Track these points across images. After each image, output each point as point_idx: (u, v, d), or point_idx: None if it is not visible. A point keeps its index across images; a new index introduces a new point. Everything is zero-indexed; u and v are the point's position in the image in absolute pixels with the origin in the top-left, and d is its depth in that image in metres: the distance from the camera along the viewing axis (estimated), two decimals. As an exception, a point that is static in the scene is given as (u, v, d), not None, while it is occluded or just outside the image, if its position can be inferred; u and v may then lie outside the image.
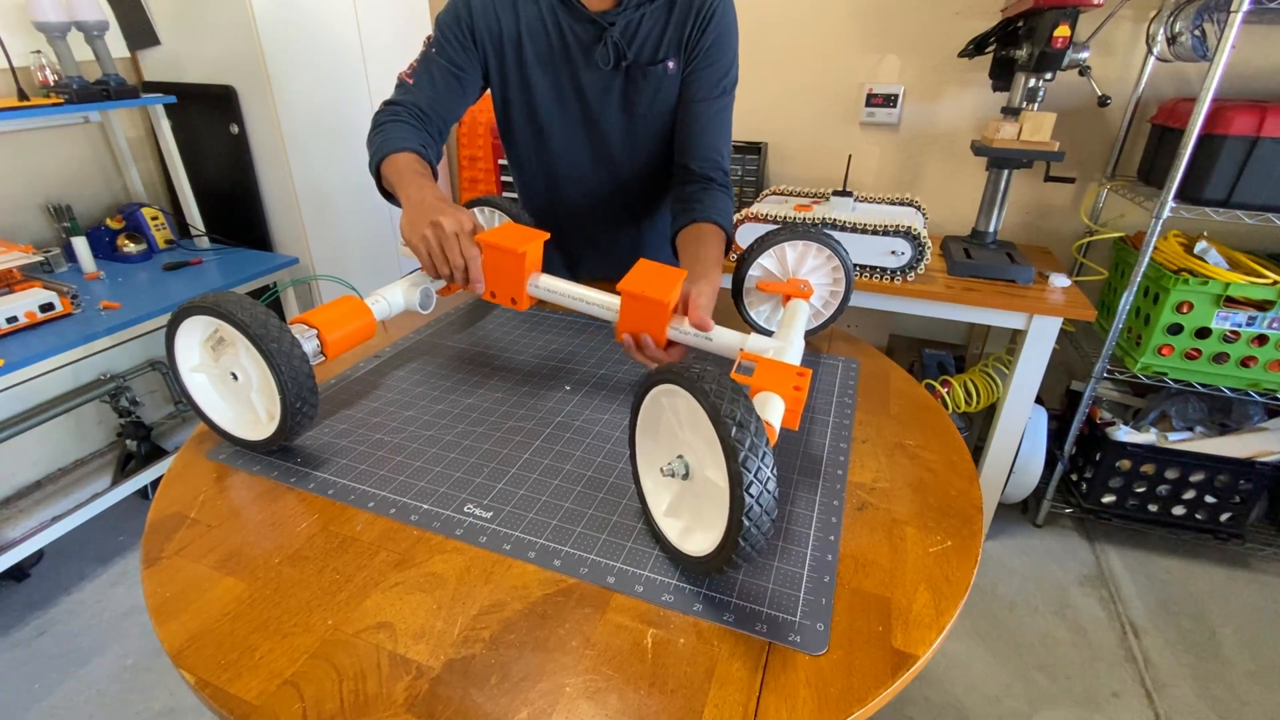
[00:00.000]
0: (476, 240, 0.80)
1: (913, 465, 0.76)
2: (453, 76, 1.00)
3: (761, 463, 0.48)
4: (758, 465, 0.48)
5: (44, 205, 1.80)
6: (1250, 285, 1.50)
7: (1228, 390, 1.62)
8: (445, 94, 1.00)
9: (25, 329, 1.47)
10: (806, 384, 0.62)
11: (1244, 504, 1.73)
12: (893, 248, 1.57)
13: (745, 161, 2.08)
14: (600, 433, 0.80)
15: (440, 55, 1.00)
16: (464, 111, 1.06)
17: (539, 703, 0.48)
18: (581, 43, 1.00)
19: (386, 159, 0.90)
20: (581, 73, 1.02)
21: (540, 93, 1.05)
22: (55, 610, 1.64)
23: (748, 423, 0.48)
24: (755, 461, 0.48)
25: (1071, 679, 1.50)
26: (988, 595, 1.71)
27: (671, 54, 1.00)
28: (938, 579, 0.59)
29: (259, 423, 0.75)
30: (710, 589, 0.58)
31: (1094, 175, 1.88)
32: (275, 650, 0.52)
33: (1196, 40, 1.47)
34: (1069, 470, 1.94)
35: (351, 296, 0.82)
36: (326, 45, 1.97)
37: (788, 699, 0.49)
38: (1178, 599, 1.71)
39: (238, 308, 0.66)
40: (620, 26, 0.98)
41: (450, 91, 1.01)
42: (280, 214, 2.01)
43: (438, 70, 0.99)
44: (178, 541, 0.64)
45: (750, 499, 0.48)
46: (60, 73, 1.65)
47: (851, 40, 1.95)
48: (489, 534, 0.64)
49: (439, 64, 1.00)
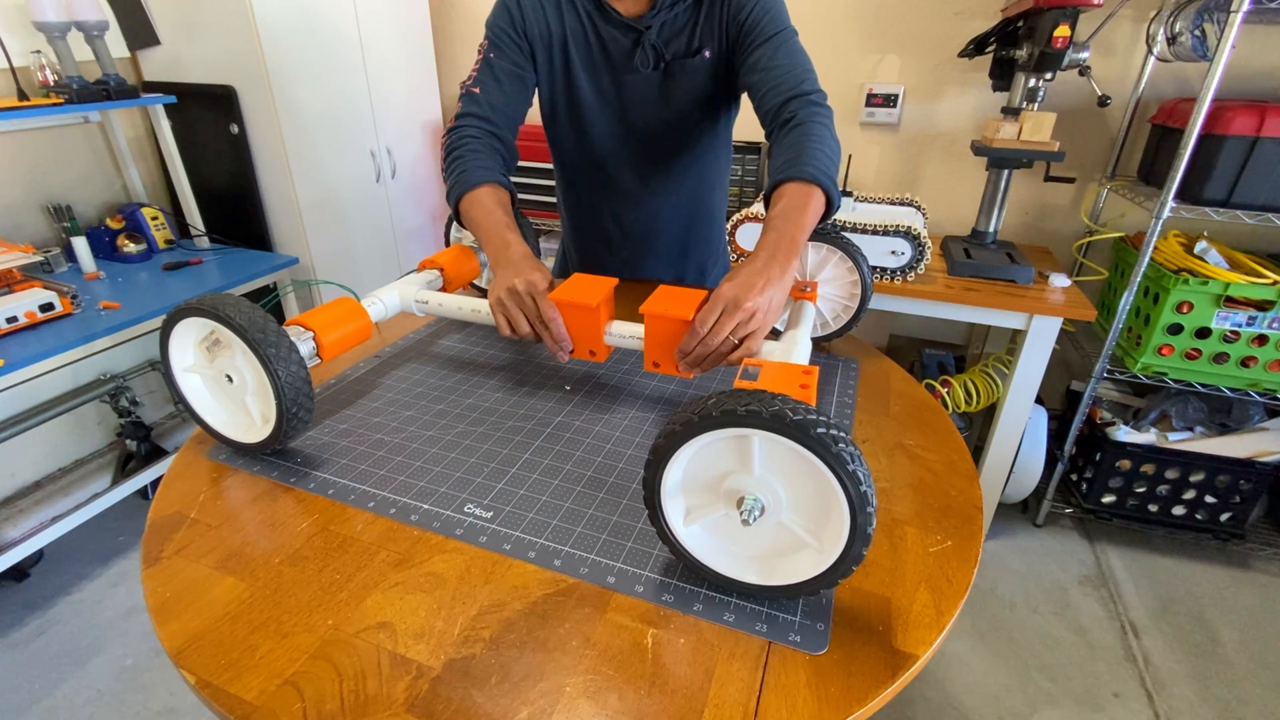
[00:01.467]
0: (550, 298, 0.77)
1: (913, 465, 0.76)
2: (516, 78, 1.01)
3: (863, 469, 0.48)
4: (860, 465, 0.48)
5: (44, 205, 1.80)
6: (1250, 285, 1.50)
7: (1228, 390, 1.62)
8: (514, 96, 1.01)
9: (25, 329, 1.47)
10: (814, 382, 0.61)
11: (1244, 504, 1.73)
12: (893, 248, 1.57)
13: (745, 161, 2.08)
14: (600, 433, 0.80)
15: (501, 58, 1.00)
16: (528, 110, 1.06)
17: (539, 703, 0.48)
18: (621, 47, 1.02)
19: (465, 196, 0.90)
20: (623, 76, 1.04)
21: (584, 94, 1.06)
22: (55, 610, 1.64)
23: (842, 438, 0.48)
24: (859, 464, 0.48)
25: (1071, 679, 1.50)
26: (988, 595, 1.71)
27: (707, 43, 1.01)
28: (938, 579, 0.59)
29: (253, 426, 0.75)
30: (710, 589, 0.58)
31: (1094, 175, 1.88)
32: (275, 650, 0.52)
33: (1196, 40, 1.47)
34: (1069, 470, 1.94)
35: (348, 298, 0.82)
36: (327, 45, 1.97)
37: (788, 699, 0.49)
38: (1178, 599, 1.71)
39: (235, 310, 0.66)
40: (656, 29, 0.99)
41: (517, 93, 1.01)
42: (280, 214, 2.01)
43: (502, 73, 1.00)
44: (178, 541, 0.64)
45: (866, 503, 0.48)
46: (60, 73, 1.65)
47: (851, 40, 1.95)
48: (489, 534, 0.64)
49: (502, 66, 1.00)
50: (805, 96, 0.88)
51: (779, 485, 0.53)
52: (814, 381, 0.61)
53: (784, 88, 0.89)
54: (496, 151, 0.97)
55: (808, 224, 0.76)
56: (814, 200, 0.77)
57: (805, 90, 0.89)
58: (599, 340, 0.81)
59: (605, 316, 0.81)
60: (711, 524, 0.57)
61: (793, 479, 0.52)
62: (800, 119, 0.85)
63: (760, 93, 0.92)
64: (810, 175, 0.77)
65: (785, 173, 0.79)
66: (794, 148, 0.82)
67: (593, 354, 0.82)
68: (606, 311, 0.81)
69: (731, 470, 0.54)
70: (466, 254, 1.04)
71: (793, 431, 0.47)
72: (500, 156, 0.97)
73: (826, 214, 0.80)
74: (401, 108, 2.29)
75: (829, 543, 0.52)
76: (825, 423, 0.47)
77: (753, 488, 0.53)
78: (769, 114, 0.90)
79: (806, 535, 0.53)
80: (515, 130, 1.02)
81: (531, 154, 2.29)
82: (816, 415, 0.48)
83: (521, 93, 1.02)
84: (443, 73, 2.49)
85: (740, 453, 0.53)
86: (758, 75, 0.93)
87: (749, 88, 0.96)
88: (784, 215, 0.75)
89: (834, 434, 0.47)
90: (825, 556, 0.52)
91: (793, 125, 0.85)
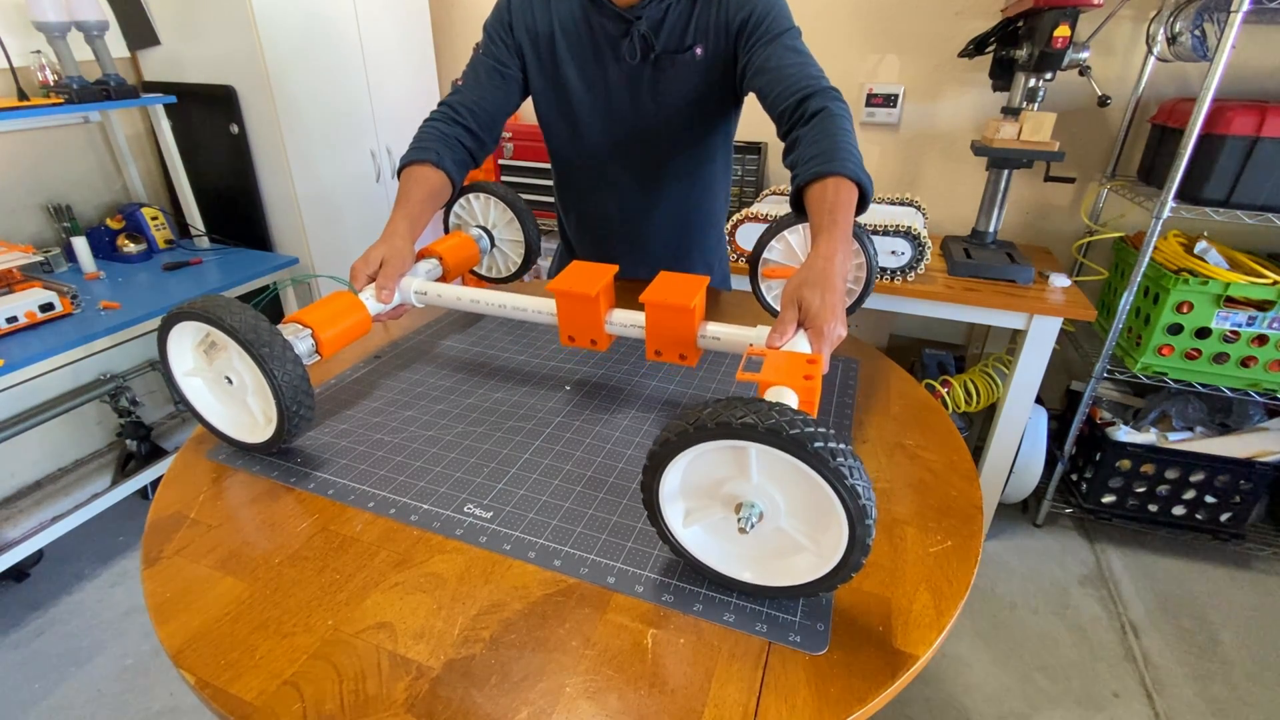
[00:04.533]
0: (548, 287, 0.80)
1: (913, 465, 0.76)
2: (496, 73, 1.06)
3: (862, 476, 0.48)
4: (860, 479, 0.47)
5: (44, 205, 1.80)
6: (1250, 285, 1.50)
7: (1228, 390, 1.62)
8: (490, 90, 1.05)
9: (25, 329, 1.47)
10: (818, 371, 0.60)
11: (1244, 504, 1.73)
12: (893, 248, 1.57)
13: (745, 161, 2.08)
14: (600, 433, 0.80)
15: (486, 55, 1.06)
16: (515, 105, 1.10)
17: (539, 703, 0.48)
18: (610, 37, 1.02)
19: (402, 171, 0.98)
20: (610, 66, 1.05)
21: (572, 87, 1.07)
22: (55, 610, 1.64)
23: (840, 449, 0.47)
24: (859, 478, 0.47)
25: (1071, 679, 1.50)
26: (988, 595, 1.71)
27: (699, 39, 1.01)
28: (938, 579, 0.59)
29: (256, 425, 0.75)
30: (710, 589, 0.58)
31: (1094, 175, 1.88)
32: (275, 650, 0.52)
33: (1196, 40, 1.47)
34: (1069, 470, 1.94)
35: (345, 292, 0.81)
36: (326, 45, 1.97)
37: (788, 699, 0.49)
38: (1178, 599, 1.71)
39: (226, 312, 0.65)
40: (646, 19, 0.99)
41: (495, 88, 1.06)
42: (280, 214, 2.01)
43: (483, 69, 1.06)
44: (178, 541, 0.64)
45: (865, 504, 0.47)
46: (60, 73, 1.65)
47: (851, 40, 1.95)
48: (489, 534, 0.64)
49: (484, 63, 1.06)
50: (825, 91, 0.88)
51: (777, 493, 0.52)
52: (819, 371, 0.60)
53: (799, 84, 0.89)
54: (453, 138, 1.02)
55: (851, 219, 0.77)
56: (855, 197, 0.78)
57: (824, 85, 0.89)
58: (599, 329, 0.80)
59: (605, 305, 0.80)
60: (711, 526, 0.57)
61: (791, 488, 0.52)
62: (831, 111, 0.85)
63: (773, 91, 0.92)
64: (851, 173, 0.78)
65: (827, 167, 0.79)
66: (827, 140, 0.81)
67: (594, 343, 0.81)
68: (606, 300, 0.80)
69: (729, 477, 0.54)
70: (466, 241, 1.03)
71: (790, 446, 0.46)
72: (458, 142, 1.02)
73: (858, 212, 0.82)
74: (401, 107, 2.29)
75: (828, 549, 0.51)
76: (823, 435, 0.46)
77: (750, 494, 0.53)
78: (787, 110, 0.89)
79: (805, 540, 0.53)
80: (489, 121, 1.06)
81: (531, 154, 2.30)
82: (815, 428, 0.47)
83: (500, 88, 1.06)
84: (443, 73, 2.49)
85: (738, 461, 0.53)
86: (767, 75, 0.93)
87: (757, 89, 0.95)
88: (836, 207, 0.76)
89: (832, 447, 0.46)
90: (824, 562, 0.52)
91: (821, 117, 0.85)
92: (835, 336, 0.65)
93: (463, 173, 1.03)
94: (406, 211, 0.93)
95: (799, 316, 0.67)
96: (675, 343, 0.77)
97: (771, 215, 1.62)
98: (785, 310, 0.68)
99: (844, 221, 0.74)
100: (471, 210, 1.12)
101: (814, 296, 0.66)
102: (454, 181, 1.00)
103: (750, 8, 0.96)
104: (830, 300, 0.66)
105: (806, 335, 0.66)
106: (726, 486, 0.54)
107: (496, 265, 1.16)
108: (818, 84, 0.89)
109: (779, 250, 0.96)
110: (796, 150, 0.86)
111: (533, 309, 0.85)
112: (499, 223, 1.12)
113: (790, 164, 0.87)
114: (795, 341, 0.67)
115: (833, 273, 0.68)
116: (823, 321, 0.65)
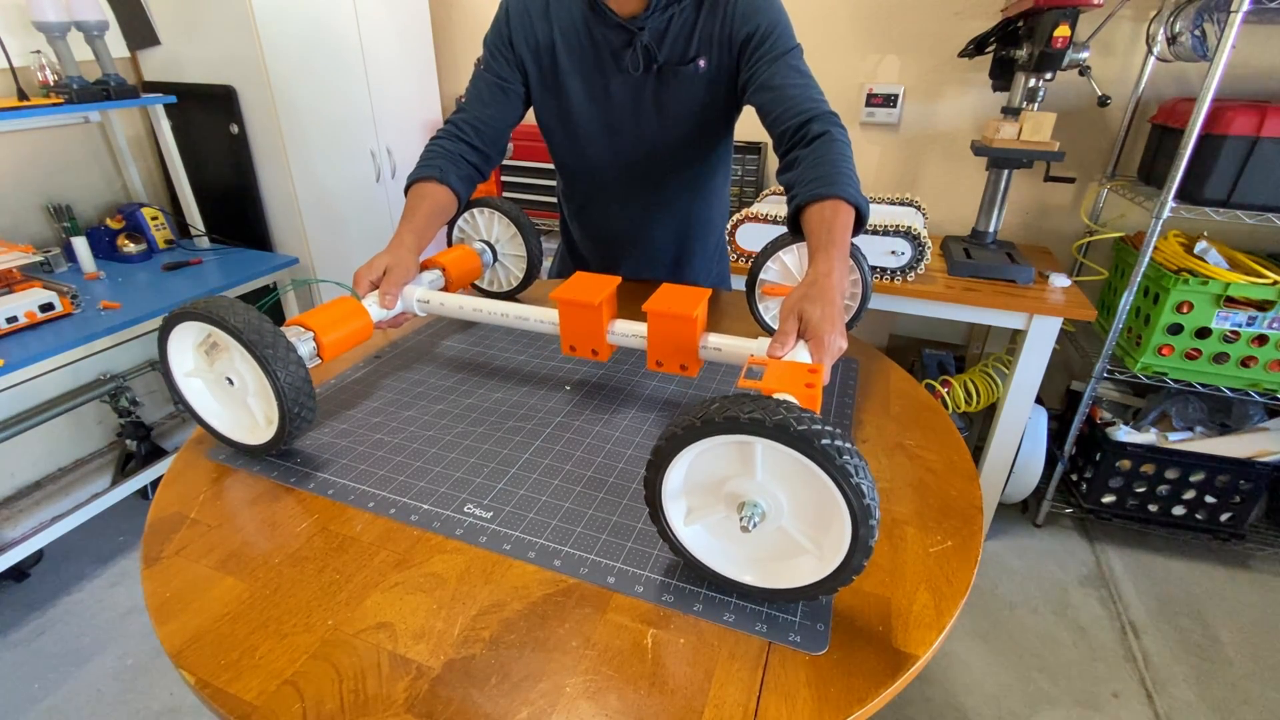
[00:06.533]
0: (552, 296, 0.80)
1: (913, 465, 0.76)
2: (498, 89, 1.06)
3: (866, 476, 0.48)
4: (865, 477, 0.47)
5: (44, 205, 1.80)
6: (1250, 285, 1.50)
7: (1228, 390, 1.62)
8: (492, 106, 1.06)
9: (25, 329, 1.47)
10: (819, 380, 0.60)
11: (1244, 504, 1.73)
12: (893, 248, 1.57)
13: (745, 161, 2.08)
14: (600, 433, 0.80)
15: (487, 71, 1.06)
16: (519, 118, 1.11)
17: (539, 703, 0.48)
18: (612, 48, 1.02)
19: (411, 187, 1.00)
20: (613, 77, 1.04)
21: (574, 98, 1.07)
22: (55, 610, 1.64)
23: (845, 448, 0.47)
24: (864, 476, 0.47)
25: (1071, 679, 1.50)
26: (988, 595, 1.71)
27: (702, 52, 1.00)
28: (938, 579, 0.59)
29: (257, 427, 0.75)
30: (710, 589, 0.58)
31: (1094, 175, 1.88)
32: (275, 650, 0.52)
33: (1196, 40, 1.47)
34: (1069, 470, 1.94)
35: (348, 298, 0.82)
36: (326, 45, 1.97)
37: (788, 699, 0.49)
38: (1178, 599, 1.71)
39: (230, 313, 0.65)
40: (649, 30, 0.99)
41: (497, 103, 1.06)
42: (280, 214, 2.01)
43: (484, 85, 1.06)
44: (178, 541, 0.64)
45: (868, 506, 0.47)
46: (60, 73, 1.65)
47: (851, 40, 1.95)
48: (489, 534, 0.64)
49: (485, 79, 1.06)
50: (827, 116, 0.90)
51: (780, 492, 0.52)
52: (819, 381, 0.60)
53: (802, 106, 0.91)
54: (458, 155, 1.03)
55: (849, 239, 0.79)
56: (851, 221, 0.81)
57: (825, 110, 0.91)
58: (601, 339, 0.80)
59: (608, 315, 0.80)
60: (712, 525, 0.57)
61: (795, 486, 0.52)
62: (832, 136, 0.87)
63: (775, 110, 0.93)
64: (850, 197, 0.80)
65: (827, 189, 0.80)
66: (827, 165, 0.84)
67: (595, 353, 0.82)
68: (609, 310, 0.80)
69: (733, 474, 0.54)
70: (469, 254, 1.04)
71: (797, 442, 0.47)
72: (462, 159, 1.03)
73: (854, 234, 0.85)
74: (401, 108, 2.29)
75: (829, 551, 0.51)
76: (830, 433, 0.47)
77: (754, 493, 0.53)
78: (788, 131, 0.91)
79: (807, 542, 0.53)
80: (494, 137, 1.07)
81: (531, 154, 2.30)
82: (821, 425, 0.47)
83: (502, 103, 1.07)
84: (443, 73, 2.49)
85: (743, 458, 0.52)
86: (770, 94, 0.94)
87: (758, 105, 0.96)
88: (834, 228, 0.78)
89: (839, 445, 0.46)
90: (825, 564, 0.52)
91: (823, 141, 0.87)
92: (836, 348, 0.65)
93: (468, 188, 1.04)
94: (412, 225, 0.94)
95: (799, 328, 0.67)
96: (677, 353, 0.77)
97: (771, 215, 1.62)
98: (785, 322, 0.68)
99: (841, 240, 0.76)
100: (475, 225, 1.13)
101: (814, 309, 0.67)
102: (459, 197, 1.01)
103: (756, 22, 0.96)
104: (830, 313, 0.66)
105: (807, 346, 0.67)
106: (730, 484, 0.54)
107: (498, 279, 1.17)
108: (820, 108, 0.91)
109: (775, 271, 0.97)
110: (795, 170, 0.87)
111: (535, 318, 0.85)
112: (502, 238, 1.12)
113: (787, 183, 0.88)
114: (795, 353, 0.67)
115: (831, 287, 0.69)
116: (823, 333, 0.65)
